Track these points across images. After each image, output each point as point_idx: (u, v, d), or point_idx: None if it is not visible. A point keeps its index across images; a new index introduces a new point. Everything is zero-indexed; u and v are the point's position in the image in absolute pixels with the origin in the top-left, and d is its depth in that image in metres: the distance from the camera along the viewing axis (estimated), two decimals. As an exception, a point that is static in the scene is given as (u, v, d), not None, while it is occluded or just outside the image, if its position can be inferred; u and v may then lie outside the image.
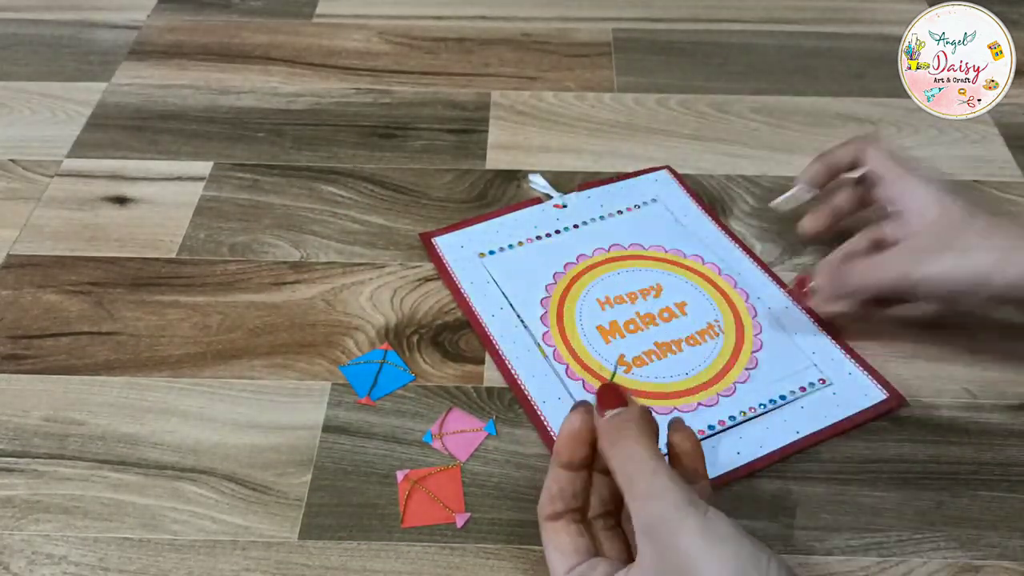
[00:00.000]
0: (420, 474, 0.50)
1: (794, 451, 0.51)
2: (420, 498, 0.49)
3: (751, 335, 0.57)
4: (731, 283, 0.60)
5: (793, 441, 0.52)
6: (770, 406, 0.53)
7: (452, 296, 0.60)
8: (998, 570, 0.47)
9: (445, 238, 0.63)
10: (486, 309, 0.58)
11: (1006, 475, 0.51)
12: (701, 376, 0.55)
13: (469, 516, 0.49)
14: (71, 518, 0.49)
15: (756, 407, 0.53)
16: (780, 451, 0.51)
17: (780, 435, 0.52)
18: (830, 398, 0.54)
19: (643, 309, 0.58)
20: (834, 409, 0.53)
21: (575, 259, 0.61)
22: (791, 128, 0.74)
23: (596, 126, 0.75)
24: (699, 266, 0.61)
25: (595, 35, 0.85)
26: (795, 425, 0.52)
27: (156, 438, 0.52)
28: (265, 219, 0.66)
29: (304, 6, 0.88)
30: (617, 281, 0.60)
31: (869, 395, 0.54)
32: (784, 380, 0.54)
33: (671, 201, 0.66)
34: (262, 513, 0.49)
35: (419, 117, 0.75)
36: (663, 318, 0.58)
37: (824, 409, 0.53)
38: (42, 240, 0.64)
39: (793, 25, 0.86)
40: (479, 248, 0.62)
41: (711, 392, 0.54)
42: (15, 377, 0.56)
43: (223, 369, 0.56)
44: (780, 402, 0.53)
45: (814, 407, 0.53)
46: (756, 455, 0.51)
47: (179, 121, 0.75)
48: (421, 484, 0.50)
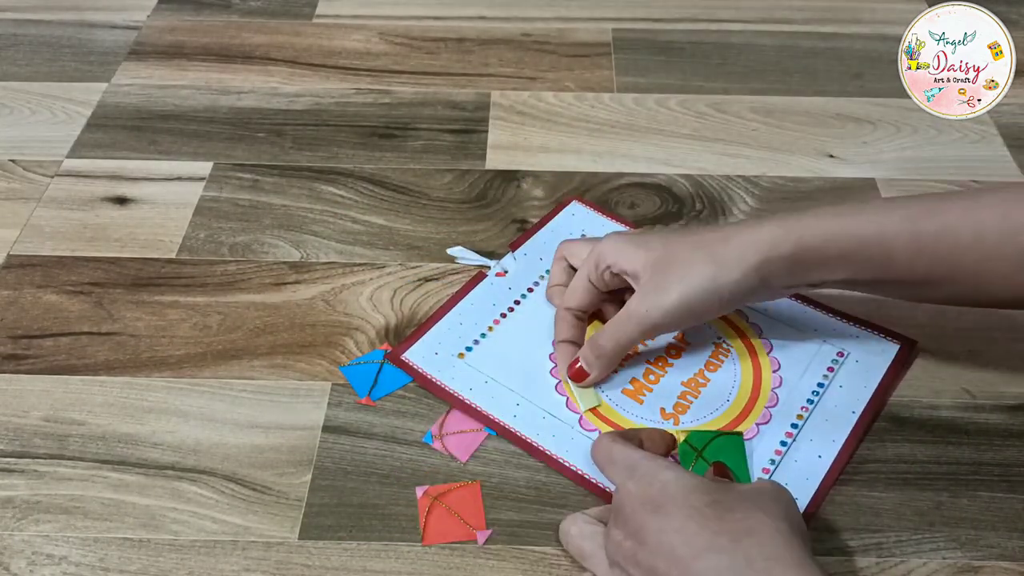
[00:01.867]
0: (440, 490, 0.50)
1: (863, 431, 0.52)
2: (440, 514, 0.49)
3: (757, 339, 0.57)
4: None
5: (856, 424, 0.52)
6: (815, 399, 0.54)
7: (454, 407, 0.54)
8: (997, 570, 0.47)
9: (415, 350, 0.57)
10: (504, 412, 0.53)
11: (1005, 475, 0.51)
12: (740, 398, 0.54)
13: (491, 532, 0.48)
14: (71, 518, 0.49)
15: (806, 404, 0.54)
16: (852, 437, 0.52)
17: (842, 422, 0.53)
18: (855, 367, 0.55)
19: (651, 355, 0.57)
20: (866, 376, 0.54)
21: None
22: (791, 128, 0.74)
23: (596, 126, 0.75)
24: None
25: (595, 35, 0.85)
26: (848, 406, 0.53)
27: (156, 438, 0.52)
28: (265, 219, 0.66)
29: (304, 6, 0.88)
30: None
31: (885, 351, 0.56)
32: (811, 369, 0.55)
33: (599, 230, 0.64)
34: (262, 513, 0.49)
35: (419, 117, 0.75)
36: (672, 356, 0.57)
37: (860, 381, 0.54)
38: (42, 240, 0.64)
39: (793, 25, 0.86)
40: (454, 349, 0.57)
41: (759, 410, 0.54)
42: (15, 377, 0.56)
43: (223, 369, 0.56)
44: (820, 391, 0.54)
45: (850, 383, 0.55)
46: (836, 451, 0.51)
47: (179, 121, 0.75)
48: (441, 500, 0.49)
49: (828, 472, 0.50)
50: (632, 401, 0.54)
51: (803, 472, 0.50)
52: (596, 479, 0.50)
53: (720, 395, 0.54)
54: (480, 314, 0.59)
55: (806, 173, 0.70)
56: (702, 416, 0.53)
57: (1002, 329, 0.58)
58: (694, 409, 0.54)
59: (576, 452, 0.52)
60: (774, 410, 0.53)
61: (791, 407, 0.54)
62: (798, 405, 0.54)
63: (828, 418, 0.53)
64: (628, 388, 0.55)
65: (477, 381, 0.55)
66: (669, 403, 0.54)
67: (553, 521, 0.48)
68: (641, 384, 0.55)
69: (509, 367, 0.56)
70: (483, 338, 0.58)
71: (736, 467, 0.50)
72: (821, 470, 0.50)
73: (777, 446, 0.52)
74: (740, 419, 0.53)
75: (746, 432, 0.52)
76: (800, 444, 0.52)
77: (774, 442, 0.52)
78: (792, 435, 0.52)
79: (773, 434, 0.52)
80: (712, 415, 0.53)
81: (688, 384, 0.55)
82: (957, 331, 0.58)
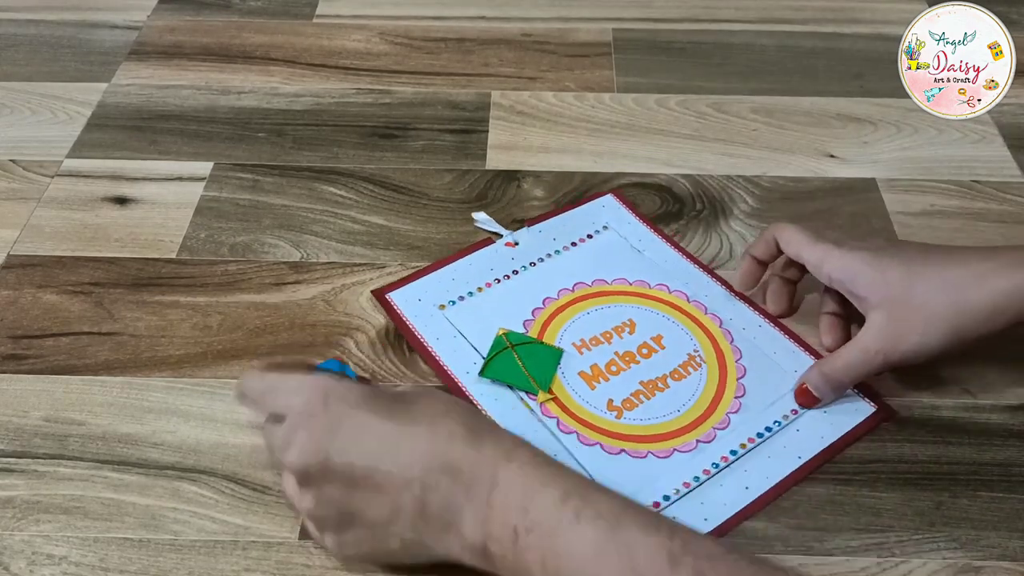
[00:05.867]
0: None
1: (801, 477, 0.50)
2: None
3: (732, 361, 0.56)
4: (702, 309, 0.59)
5: (797, 468, 0.51)
6: (767, 434, 0.52)
7: (420, 354, 0.56)
8: (998, 570, 0.47)
9: (400, 292, 0.59)
10: (459, 367, 0.55)
11: (1006, 475, 0.51)
12: (693, 411, 0.54)
13: None
14: (71, 518, 0.49)
15: (754, 437, 0.52)
16: (788, 479, 0.50)
17: (783, 463, 0.51)
18: (821, 417, 0.53)
19: (621, 348, 0.56)
20: (828, 428, 0.52)
21: (542, 303, 0.59)
22: (791, 128, 0.74)
23: (596, 126, 0.75)
24: (667, 296, 0.60)
25: (595, 35, 0.85)
26: (795, 451, 0.52)
27: (156, 438, 0.52)
28: (265, 219, 0.66)
29: (304, 6, 0.88)
30: (589, 321, 0.58)
31: (859, 409, 0.54)
32: (775, 405, 0.54)
33: (623, 227, 0.65)
34: (262, 513, 0.49)
35: (419, 117, 0.75)
36: (643, 355, 0.56)
37: (819, 429, 0.53)
38: (42, 240, 0.64)
39: (793, 25, 0.86)
40: (438, 299, 0.59)
41: (706, 427, 0.53)
42: (15, 377, 0.56)
43: (223, 369, 0.56)
44: (776, 428, 0.53)
45: (808, 428, 0.53)
46: (764, 487, 0.50)
47: (179, 121, 0.75)
48: None
49: (749, 505, 0.49)
50: (585, 385, 0.54)
51: (723, 498, 0.49)
52: None
53: (673, 403, 0.54)
54: (474, 274, 0.61)
55: (806, 173, 0.70)
56: (647, 417, 0.53)
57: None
58: (641, 408, 0.53)
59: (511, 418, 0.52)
60: (722, 432, 0.52)
61: (739, 435, 0.52)
62: (747, 435, 0.52)
63: (771, 455, 0.51)
64: (586, 372, 0.55)
65: (446, 333, 0.57)
66: (619, 397, 0.54)
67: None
68: (600, 371, 0.55)
69: (481, 328, 0.57)
70: (469, 296, 0.59)
71: (540, 373, 0.54)
72: (742, 501, 0.49)
73: (708, 466, 0.51)
74: (685, 431, 0.52)
75: (683, 445, 0.52)
76: (733, 471, 0.51)
77: (707, 461, 0.51)
78: (728, 460, 0.51)
79: (710, 453, 0.51)
80: (658, 419, 0.53)
81: (646, 385, 0.55)
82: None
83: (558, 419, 0.53)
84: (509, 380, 0.54)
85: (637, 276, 0.61)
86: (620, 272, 0.61)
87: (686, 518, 0.48)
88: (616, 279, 0.61)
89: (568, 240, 0.64)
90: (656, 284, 0.61)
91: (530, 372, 0.54)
